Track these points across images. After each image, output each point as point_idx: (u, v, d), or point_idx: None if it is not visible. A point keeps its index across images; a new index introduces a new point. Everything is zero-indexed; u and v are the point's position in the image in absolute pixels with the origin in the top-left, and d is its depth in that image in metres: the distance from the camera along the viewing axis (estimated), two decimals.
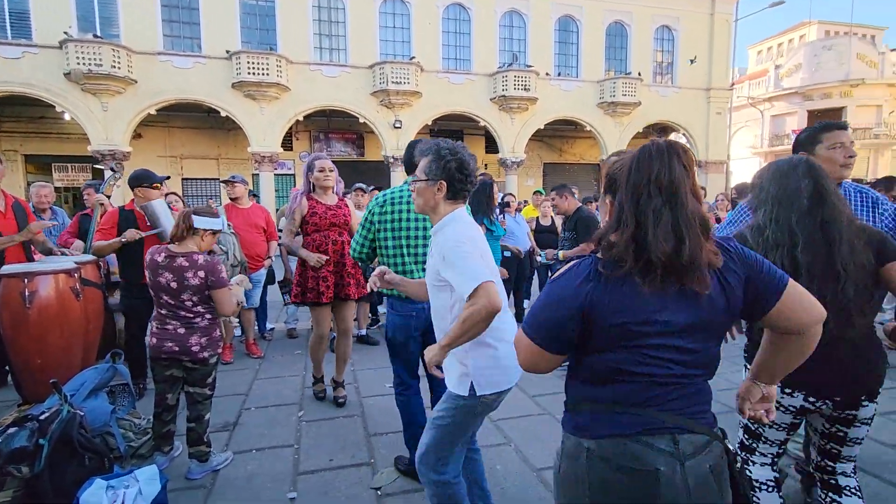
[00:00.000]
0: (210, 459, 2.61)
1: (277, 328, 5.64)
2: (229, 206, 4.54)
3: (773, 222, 1.57)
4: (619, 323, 1.04)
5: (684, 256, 1.00)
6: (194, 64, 14.52)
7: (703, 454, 1.05)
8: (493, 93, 16.83)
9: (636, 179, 1.05)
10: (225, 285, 2.51)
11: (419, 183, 1.77)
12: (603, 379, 1.09)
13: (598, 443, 1.06)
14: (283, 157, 16.51)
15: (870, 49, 23.88)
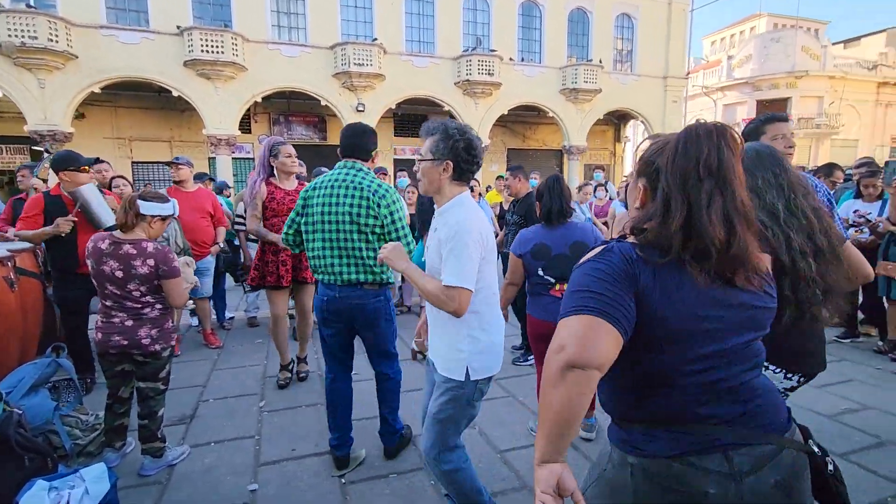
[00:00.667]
0: (165, 454, 2.51)
1: (237, 317, 5.47)
2: (172, 190, 4.29)
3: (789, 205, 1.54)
4: (669, 315, 0.93)
5: (734, 246, 0.93)
6: (141, 39, 13.65)
7: (766, 468, 0.93)
8: (457, 77, 16.69)
9: (684, 163, 0.95)
10: (177, 275, 2.40)
11: (425, 162, 1.74)
12: (647, 387, 0.99)
13: (641, 461, 0.96)
14: (241, 140, 15.87)
15: (813, 42, 25.09)
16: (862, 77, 25.10)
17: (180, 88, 14.13)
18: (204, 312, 4.53)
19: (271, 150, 3.43)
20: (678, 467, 0.93)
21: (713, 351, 0.95)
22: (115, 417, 2.50)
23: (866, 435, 2.78)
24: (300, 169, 3.59)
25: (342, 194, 2.33)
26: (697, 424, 0.94)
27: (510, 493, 2.31)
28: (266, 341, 4.64)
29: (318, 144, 18.02)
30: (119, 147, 16.10)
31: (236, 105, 14.75)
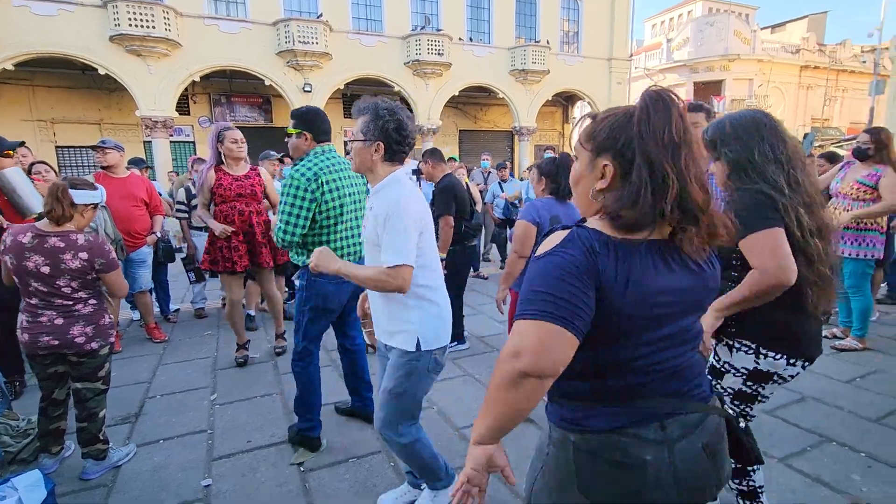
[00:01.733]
0: (109, 456, 2.39)
1: (183, 309, 5.23)
2: (101, 175, 3.99)
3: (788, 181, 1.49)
4: (629, 301, 0.92)
5: (710, 207, 0.95)
6: (59, 11, 12.43)
7: (694, 433, 0.99)
8: (406, 57, 16.39)
9: (658, 134, 0.91)
10: (116, 266, 2.28)
11: (356, 143, 1.74)
12: (597, 372, 0.98)
13: (584, 438, 0.98)
14: (179, 122, 14.94)
15: (744, 27, 26.42)
16: (787, 61, 26.74)
17: (107, 66, 13.04)
18: (145, 306, 4.29)
19: (218, 136, 3.44)
20: (618, 439, 0.96)
21: (665, 335, 0.98)
22: (51, 421, 2.34)
23: (791, 392, 3.05)
24: (245, 154, 3.56)
25: (353, 175, 2.44)
26: (640, 399, 0.98)
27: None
28: (215, 332, 4.48)
29: (263, 126, 17.27)
30: (40, 130, 14.77)
31: (172, 84, 13.82)
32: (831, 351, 3.71)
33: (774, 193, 1.47)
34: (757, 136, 1.53)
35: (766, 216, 1.46)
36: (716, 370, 1.72)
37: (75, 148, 15.48)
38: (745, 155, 1.54)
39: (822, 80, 27.84)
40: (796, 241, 1.45)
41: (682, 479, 0.96)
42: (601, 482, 0.97)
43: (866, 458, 2.36)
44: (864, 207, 3.54)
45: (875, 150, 3.54)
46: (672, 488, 0.96)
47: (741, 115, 1.60)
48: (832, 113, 28.37)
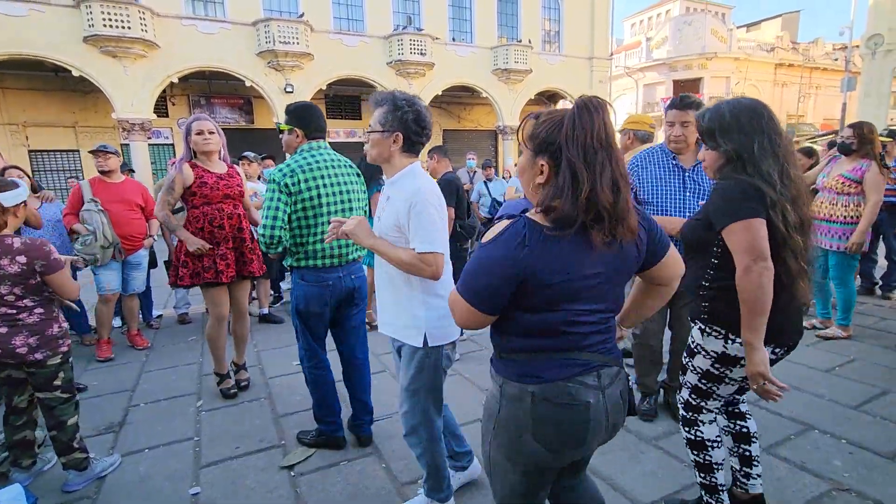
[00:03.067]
0: (91, 466, 2.33)
1: (166, 314, 5.14)
2: (96, 181, 3.93)
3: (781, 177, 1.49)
4: (557, 282, 1.10)
5: (620, 206, 1.08)
6: (29, 11, 12.08)
7: (616, 382, 1.23)
8: (389, 57, 16.33)
9: (582, 136, 1.06)
10: (60, 267, 2.13)
11: (374, 134, 1.73)
12: (537, 333, 1.17)
13: (542, 387, 1.17)
14: (157, 124, 14.66)
15: (721, 26, 26.93)
16: (762, 59, 27.33)
17: (81, 67, 12.72)
18: (131, 311, 4.22)
19: (188, 129, 3.01)
20: (571, 386, 1.17)
21: (597, 306, 1.17)
22: (15, 430, 2.25)
23: None
24: (215, 148, 3.05)
25: (344, 174, 2.39)
26: (584, 352, 1.19)
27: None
28: (200, 337, 4.41)
29: (244, 128, 17.04)
30: (12, 134, 14.36)
31: (149, 86, 13.55)
32: (812, 341, 3.80)
33: (765, 188, 1.48)
34: (758, 127, 1.51)
35: (752, 207, 1.48)
36: (689, 349, 1.79)
37: (49, 152, 15.08)
38: (745, 147, 1.52)
39: (797, 78, 28.52)
40: (780, 236, 1.48)
41: (610, 418, 1.21)
42: (553, 426, 1.17)
43: (847, 444, 2.43)
44: (849, 201, 3.63)
45: (858, 145, 3.61)
46: (604, 425, 1.20)
47: (740, 104, 1.56)
48: (806, 109, 29.09)
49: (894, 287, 4.96)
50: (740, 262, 1.50)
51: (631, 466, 2.31)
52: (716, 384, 1.73)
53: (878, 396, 2.90)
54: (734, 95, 21.41)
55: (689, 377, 1.81)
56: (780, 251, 1.49)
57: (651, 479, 2.22)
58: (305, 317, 2.38)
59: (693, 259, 1.70)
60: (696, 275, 1.69)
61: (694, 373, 1.77)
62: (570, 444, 1.19)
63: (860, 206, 3.62)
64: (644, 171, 2.57)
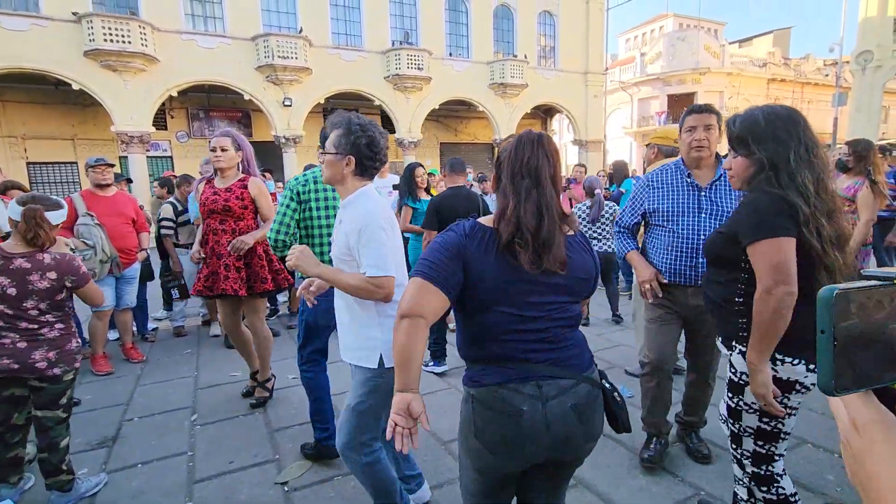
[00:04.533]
0: (76, 487, 2.28)
1: (162, 327, 5.13)
2: (88, 194, 3.94)
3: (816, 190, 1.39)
4: (490, 277, 1.20)
5: (543, 233, 1.19)
6: (31, 26, 12.21)
7: (566, 394, 1.23)
8: (386, 71, 16.51)
9: (513, 163, 1.24)
10: (89, 280, 2.26)
11: (328, 155, 1.77)
12: (482, 339, 1.26)
13: (479, 391, 1.25)
14: (156, 137, 14.73)
15: (713, 41, 27.35)
16: (754, 74, 27.72)
17: (81, 81, 12.82)
18: (125, 325, 4.21)
19: None
20: (503, 392, 1.22)
21: (532, 313, 1.23)
22: (8, 448, 2.23)
23: None
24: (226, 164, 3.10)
25: (333, 197, 2.48)
26: (522, 363, 1.23)
27: (456, 482, 2.35)
28: (195, 350, 4.40)
29: None
30: (11, 146, 14.40)
31: (149, 99, 13.65)
32: None
33: (799, 202, 1.36)
34: (794, 135, 1.40)
35: (782, 224, 1.37)
36: (734, 384, 1.56)
37: (47, 164, 15.11)
38: (781, 156, 1.40)
39: (789, 93, 28.90)
40: (815, 253, 1.37)
41: (552, 429, 1.21)
42: (489, 428, 1.23)
43: (840, 458, 2.43)
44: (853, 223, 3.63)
45: (854, 162, 3.59)
46: (544, 435, 1.21)
47: (776, 111, 1.45)
48: None
49: None
50: (762, 281, 1.40)
51: (625, 481, 2.32)
52: (780, 419, 1.51)
53: None
54: (728, 109, 21.59)
55: (746, 420, 1.54)
56: (814, 269, 1.39)
57: (645, 495, 2.22)
58: (315, 330, 2.44)
59: (720, 274, 1.58)
60: (725, 291, 1.55)
61: (750, 412, 1.53)
62: (507, 447, 1.23)
63: (854, 224, 3.57)
64: (656, 191, 2.35)
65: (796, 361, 1.45)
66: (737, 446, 1.62)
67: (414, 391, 1.20)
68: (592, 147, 20.87)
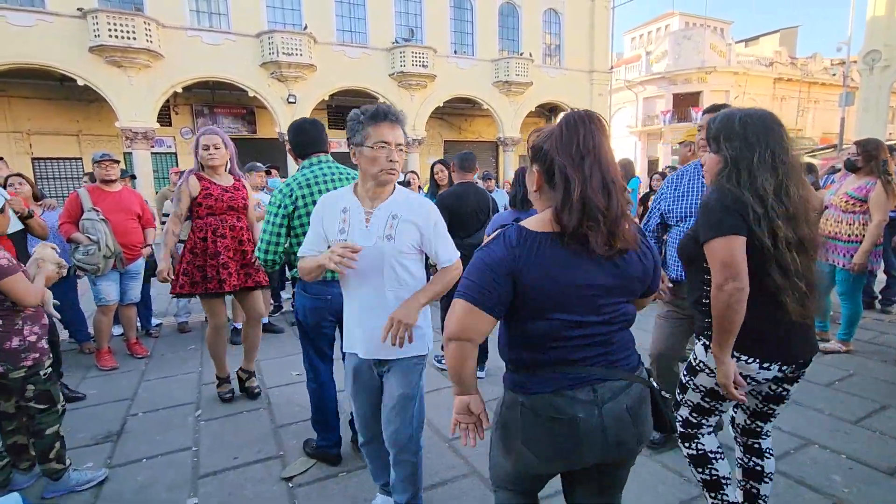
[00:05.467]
0: (66, 478, 2.28)
1: (166, 323, 5.14)
2: (94, 189, 3.94)
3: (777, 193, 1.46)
4: (545, 286, 1.14)
5: (613, 211, 1.13)
6: (36, 22, 12.26)
7: (620, 396, 1.20)
8: (391, 68, 16.50)
9: (568, 144, 1.15)
10: (12, 272, 2.03)
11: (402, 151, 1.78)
12: (534, 344, 1.20)
13: (529, 398, 1.20)
14: (160, 133, 14.77)
15: (720, 40, 27.24)
16: (761, 73, 27.59)
17: (86, 77, 12.87)
18: (129, 320, 4.22)
19: (197, 142, 3.12)
20: (557, 400, 1.18)
21: (590, 318, 1.18)
22: (7, 436, 2.27)
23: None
24: (220, 162, 3.15)
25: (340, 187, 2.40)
26: (573, 367, 1.19)
27: (460, 479, 2.36)
28: (199, 346, 4.41)
29: (247, 137, 17.15)
30: (16, 142, 14.47)
31: (153, 95, 13.69)
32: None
33: (753, 201, 1.44)
34: (763, 140, 1.48)
35: (730, 223, 1.46)
36: (692, 368, 1.74)
37: (52, 160, 15.17)
38: (745, 157, 1.48)
39: (795, 92, 28.76)
40: (766, 251, 1.45)
41: (608, 433, 1.18)
42: (541, 436, 1.20)
43: (847, 459, 2.42)
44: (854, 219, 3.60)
45: (864, 162, 3.56)
46: (600, 441, 1.18)
47: (753, 115, 1.52)
48: (805, 124, 29.27)
49: (894, 301, 4.96)
50: (714, 278, 1.50)
51: (631, 480, 2.30)
52: (719, 402, 1.70)
53: (878, 411, 2.90)
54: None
55: (689, 395, 1.76)
56: (766, 266, 1.46)
57: (650, 494, 2.21)
58: (305, 328, 2.39)
59: (692, 274, 1.70)
60: (696, 291, 1.68)
61: (696, 391, 1.74)
62: (559, 455, 1.20)
63: (865, 224, 3.56)
64: (674, 191, 2.44)
65: (750, 360, 1.57)
66: (675, 410, 1.86)
67: (472, 393, 1.28)
68: None
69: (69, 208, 3.83)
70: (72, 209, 3.81)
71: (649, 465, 2.42)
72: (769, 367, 1.57)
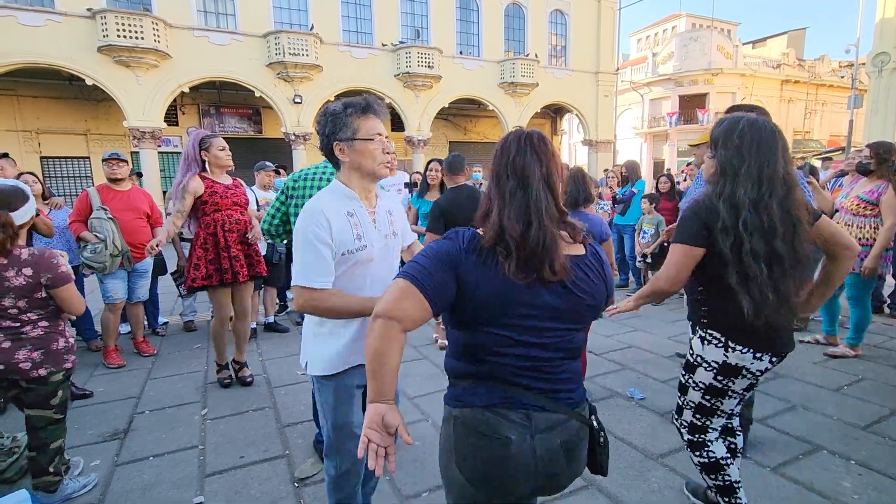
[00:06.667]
0: (61, 488, 2.24)
1: (172, 322, 5.16)
2: (104, 188, 3.98)
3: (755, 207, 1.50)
4: (484, 295, 1.08)
5: (531, 240, 1.06)
6: (46, 22, 12.35)
7: (556, 431, 1.13)
8: (396, 69, 16.52)
9: (498, 163, 1.14)
10: (68, 280, 2.10)
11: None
12: (471, 356, 1.15)
13: (461, 412, 1.15)
14: (167, 132, 14.84)
15: (727, 42, 27.09)
16: (768, 75, 27.43)
17: (94, 76, 12.95)
18: (136, 318, 4.24)
19: (202, 144, 3.25)
20: (489, 415, 1.11)
21: (529, 339, 1.11)
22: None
23: (780, 400, 3.10)
24: (231, 163, 3.42)
25: None
26: (512, 387, 1.13)
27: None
28: (205, 345, 4.42)
29: (253, 137, 17.23)
30: (25, 140, 14.58)
31: (161, 95, 13.76)
32: (820, 359, 3.77)
33: (725, 211, 1.51)
34: (755, 152, 1.51)
35: (694, 233, 1.59)
36: (689, 364, 1.78)
37: (60, 158, 15.28)
38: (733, 165, 1.54)
39: (803, 94, 28.57)
40: (724, 257, 1.52)
41: (539, 463, 1.11)
42: (472, 456, 1.12)
43: (857, 465, 2.40)
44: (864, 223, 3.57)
45: (876, 165, 3.52)
46: (531, 469, 1.10)
47: (755, 126, 1.55)
48: (812, 126, 29.09)
49: None
50: (665, 269, 1.69)
51: (637, 484, 2.30)
52: (720, 399, 1.73)
53: (888, 417, 2.87)
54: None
55: (690, 396, 1.80)
56: (725, 271, 1.54)
57: (657, 498, 2.20)
58: None
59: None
60: (691, 287, 1.77)
61: (696, 389, 1.76)
62: (489, 478, 1.12)
63: (877, 228, 3.52)
64: (694, 192, 2.57)
65: (745, 350, 1.63)
66: (678, 416, 1.88)
67: (389, 402, 1.06)
68: (602, 147, 20.76)
69: (79, 207, 3.87)
70: (81, 208, 3.86)
71: (657, 469, 2.41)
72: (761, 358, 1.63)
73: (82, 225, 3.83)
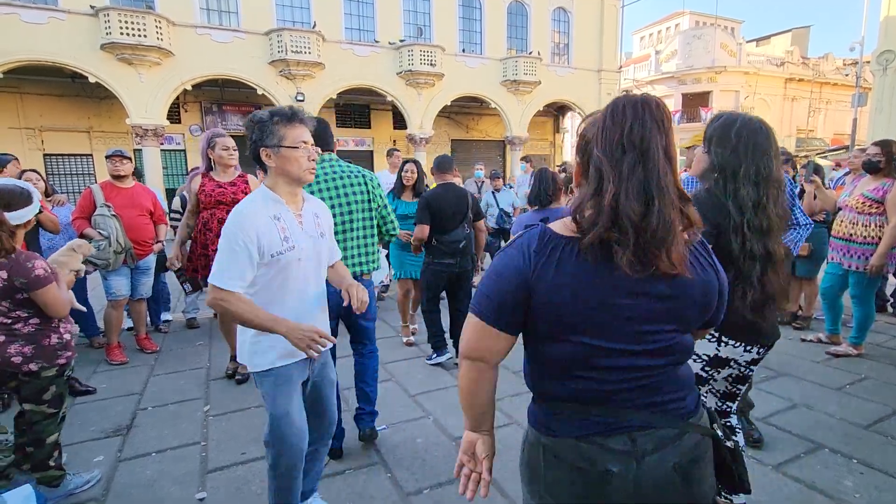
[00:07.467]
0: (64, 483, 2.26)
1: (175, 319, 5.18)
2: (107, 185, 3.99)
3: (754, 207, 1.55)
4: (563, 301, 0.93)
5: (652, 221, 0.88)
6: (49, 19, 12.36)
7: (667, 449, 0.96)
8: (399, 67, 16.50)
9: (608, 134, 0.92)
10: (45, 284, 2.05)
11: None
12: (558, 372, 1.00)
13: (552, 441, 1.01)
14: (169, 130, 14.86)
15: (730, 40, 26.96)
16: (772, 73, 27.29)
17: (97, 74, 12.97)
18: (139, 315, 4.26)
19: (209, 143, 3.42)
20: (584, 447, 0.97)
21: (625, 346, 0.95)
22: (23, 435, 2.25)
23: (782, 399, 3.09)
24: (236, 162, 3.54)
25: (350, 183, 2.44)
26: (604, 406, 0.97)
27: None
28: (207, 342, 4.44)
29: None
30: (28, 138, 14.61)
31: (163, 93, 13.77)
32: (822, 358, 3.76)
33: (734, 210, 1.54)
34: (752, 156, 1.56)
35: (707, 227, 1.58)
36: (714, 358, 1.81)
37: (63, 156, 15.32)
38: (731, 166, 1.58)
39: (807, 93, 28.43)
40: (732, 257, 1.54)
41: (644, 494, 0.94)
42: (565, 485, 1.00)
43: (858, 464, 2.39)
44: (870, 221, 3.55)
45: (886, 163, 3.50)
46: (632, 501, 0.95)
47: (750, 127, 1.59)
48: (816, 124, 28.95)
49: None
50: None
51: None
52: (699, 386, 1.81)
53: (890, 416, 2.87)
54: (743, 109, 21.40)
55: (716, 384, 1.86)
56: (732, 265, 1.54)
57: None
58: None
59: None
60: None
61: (696, 360, 1.82)
62: None
63: (882, 226, 3.50)
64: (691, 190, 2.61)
65: (738, 344, 1.70)
66: None
67: (483, 432, 1.10)
68: None
69: (82, 204, 3.88)
70: (85, 205, 3.87)
71: None
72: (750, 350, 1.72)
73: (86, 222, 3.83)
